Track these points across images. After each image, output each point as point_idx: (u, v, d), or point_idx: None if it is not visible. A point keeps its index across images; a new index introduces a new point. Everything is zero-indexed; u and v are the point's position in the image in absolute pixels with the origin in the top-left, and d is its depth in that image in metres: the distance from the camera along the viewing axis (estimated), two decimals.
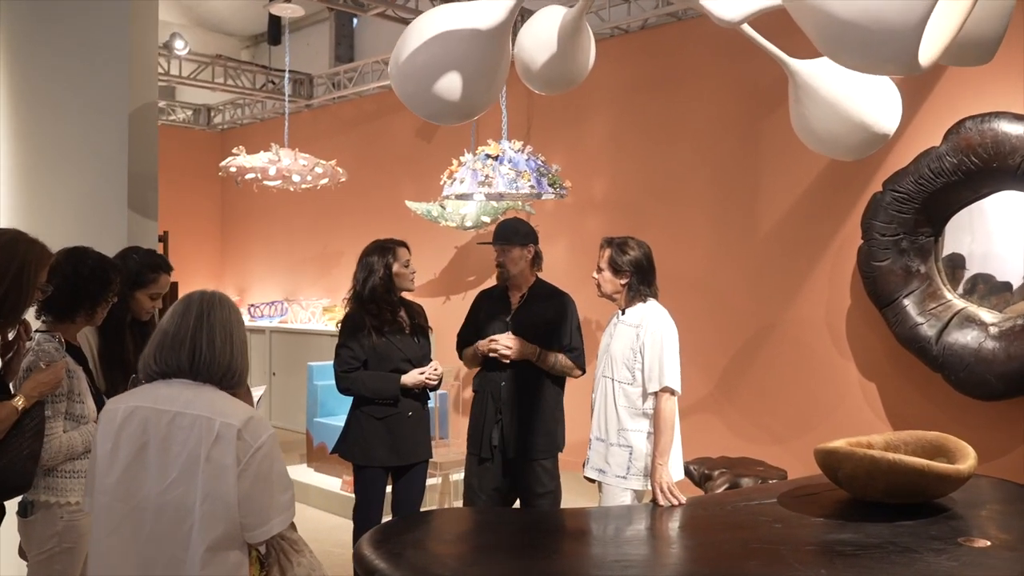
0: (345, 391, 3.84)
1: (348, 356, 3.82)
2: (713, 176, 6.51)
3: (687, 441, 6.29)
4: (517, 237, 3.98)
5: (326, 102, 9.92)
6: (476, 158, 5.44)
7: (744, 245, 6.32)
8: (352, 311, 3.88)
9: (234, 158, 6.82)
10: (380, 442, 3.82)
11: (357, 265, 3.92)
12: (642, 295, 3.63)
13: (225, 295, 2.30)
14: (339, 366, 3.84)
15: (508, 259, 3.97)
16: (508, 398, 3.91)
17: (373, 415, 3.83)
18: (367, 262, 3.88)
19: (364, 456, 3.83)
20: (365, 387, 3.80)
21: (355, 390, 3.81)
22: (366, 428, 3.83)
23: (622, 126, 7.13)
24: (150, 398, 2.14)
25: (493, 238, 4.01)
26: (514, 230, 4.01)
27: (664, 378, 3.45)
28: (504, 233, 3.99)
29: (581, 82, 3.49)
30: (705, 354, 6.49)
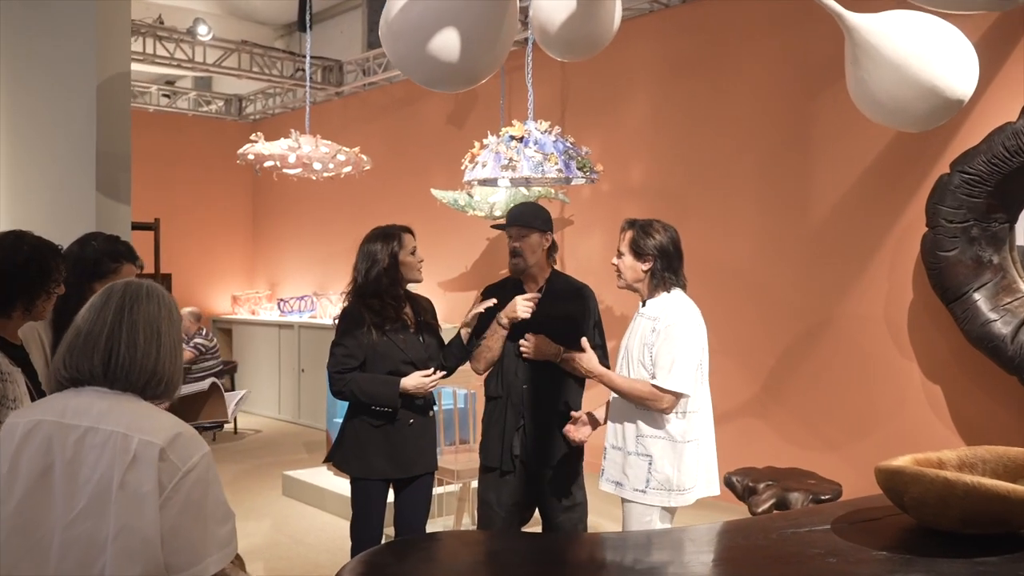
0: (338, 394, 3.44)
1: (343, 355, 3.42)
2: (760, 160, 6.00)
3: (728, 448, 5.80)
4: (537, 221, 3.57)
5: (356, 89, 9.60)
6: (500, 140, 5.02)
7: (794, 234, 5.81)
8: (351, 305, 3.48)
9: (252, 145, 6.50)
10: (378, 452, 3.43)
11: (358, 254, 3.53)
12: (666, 284, 3.19)
13: (157, 285, 1.92)
14: (332, 366, 3.43)
15: (526, 245, 3.54)
16: (531, 403, 3.50)
17: (370, 422, 3.44)
18: (369, 251, 3.47)
19: (361, 467, 3.45)
20: (360, 390, 3.40)
21: (348, 393, 3.42)
22: (362, 436, 3.45)
23: (662, 108, 6.66)
24: (56, 411, 1.77)
25: (508, 220, 3.59)
26: (533, 213, 3.59)
27: (671, 377, 3.02)
28: (523, 215, 3.57)
29: (605, 45, 3.04)
30: (750, 352, 5.99)
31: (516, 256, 3.56)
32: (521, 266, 3.57)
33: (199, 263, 10.88)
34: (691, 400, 3.09)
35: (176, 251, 10.65)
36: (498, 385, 3.57)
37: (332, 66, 9.46)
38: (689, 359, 3.06)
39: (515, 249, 3.55)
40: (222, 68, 8.68)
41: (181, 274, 10.70)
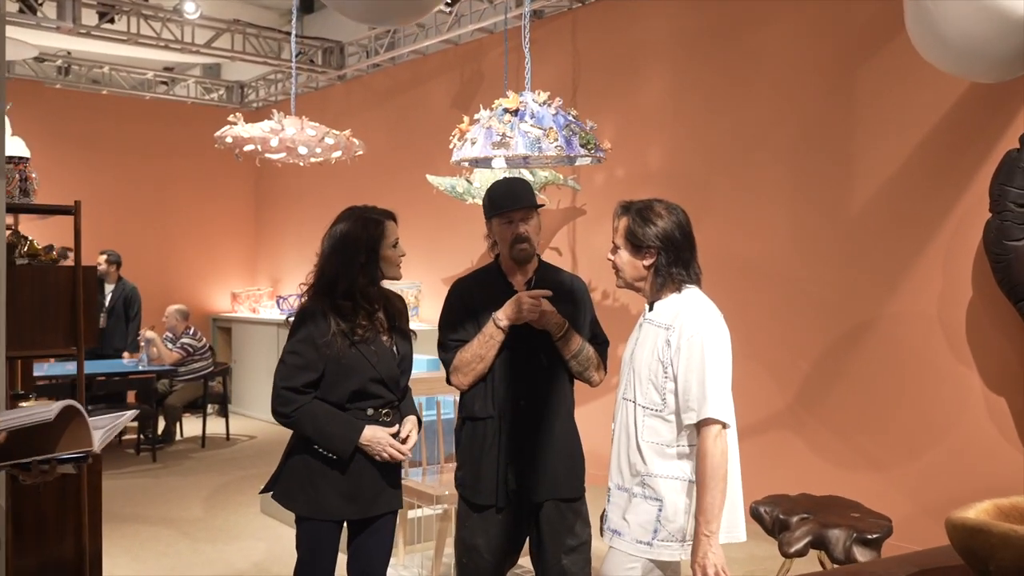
0: (282, 418, 2.78)
1: (298, 366, 2.75)
2: (792, 141, 5.29)
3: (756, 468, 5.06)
4: (535, 198, 2.97)
5: (359, 72, 9.01)
6: (492, 114, 4.37)
7: (832, 223, 5.09)
8: (313, 304, 2.81)
9: (230, 127, 5.91)
10: (331, 487, 2.79)
11: (325, 241, 2.86)
12: (675, 281, 2.52)
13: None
14: (283, 379, 2.77)
15: (532, 228, 2.92)
16: (530, 423, 2.87)
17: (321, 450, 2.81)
18: (344, 238, 2.81)
19: (309, 504, 2.80)
20: (313, 425, 2.76)
21: (296, 421, 2.77)
22: (313, 466, 2.80)
23: (681, 86, 5.97)
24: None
25: (506, 203, 2.92)
26: (529, 190, 2.97)
27: (707, 405, 2.34)
28: (520, 192, 2.94)
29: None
30: (782, 359, 5.29)
31: (524, 242, 2.91)
32: (529, 252, 2.94)
33: (198, 259, 10.37)
34: None
35: (174, 246, 10.15)
36: (487, 403, 2.89)
37: (332, 47, 8.87)
38: (724, 378, 2.39)
39: (520, 235, 2.90)
40: (212, 49, 8.12)
41: (179, 270, 10.20)
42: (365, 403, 2.81)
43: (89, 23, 7.52)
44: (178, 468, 7.10)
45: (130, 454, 7.63)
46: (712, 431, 2.33)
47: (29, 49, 7.33)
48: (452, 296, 3.02)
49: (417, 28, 7.87)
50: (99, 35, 7.53)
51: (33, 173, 3.52)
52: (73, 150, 9.56)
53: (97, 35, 7.52)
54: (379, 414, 2.84)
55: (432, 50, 8.05)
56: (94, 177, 9.70)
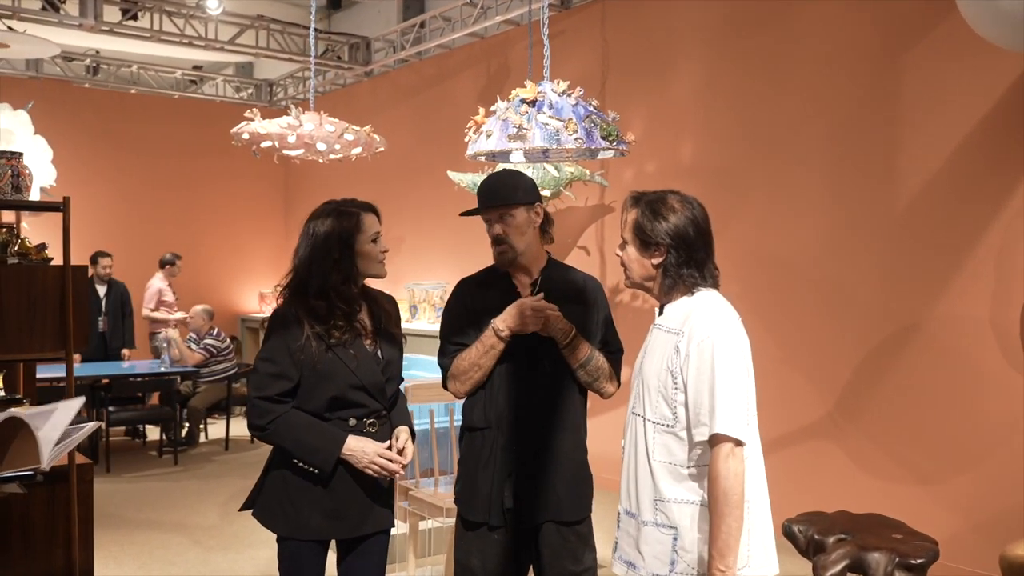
0: (258, 431, 2.57)
1: (271, 375, 2.54)
2: (834, 131, 4.98)
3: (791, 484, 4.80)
4: (519, 192, 2.67)
5: (386, 68, 8.85)
6: (509, 105, 4.14)
7: (876, 220, 4.78)
8: (286, 306, 2.61)
9: (247, 123, 5.77)
10: (314, 505, 2.57)
11: (300, 238, 2.66)
12: (687, 283, 2.26)
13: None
14: (256, 389, 2.56)
15: (511, 228, 2.65)
16: (529, 437, 2.63)
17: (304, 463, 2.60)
18: (316, 233, 2.60)
19: (289, 524, 2.59)
20: (291, 437, 2.54)
21: (272, 435, 2.55)
22: (292, 482, 2.58)
23: (715, 74, 5.68)
24: None
25: (480, 198, 2.71)
26: (512, 184, 2.68)
27: (717, 419, 2.08)
28: (497, 188, 2.68)
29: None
30: (821, 365, 4.99)
31: (500, 243, 2.66)
32: (509, 256, 2.67)
33: (226, 258, 10.29)
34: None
35: (202, 246, 10.08)
36: (484, 412, 2.67)
37: (359, 43, 8.71)
38: (739, 389, 2.13)
39: (497, 237, 2.66)
40: (236, 46, 8.00)
41: (207, 270, 10.12)
42: (347, 412, 2.58)
43: (112, 20, 7.43)
44: (199, 471, 6.97)
45: (152, 456, 7.54)
46: (724, 449, 2.07)
47: (52, 47, 7.24)
48: (454, 297, 2.80)
49: (443, 21, 7.68)
50: (122, 32, 7.45)
51: (27, 169, 3.35)
52: (101, 149, 9.54)
53: (120, 32, 7.44)
54: (363, 424, 2.60)
55: (458, 44, 7.85)
56: (121, 177, 9.67)
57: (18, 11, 6.86)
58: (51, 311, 3.18)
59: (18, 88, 8.46)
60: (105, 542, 5.08)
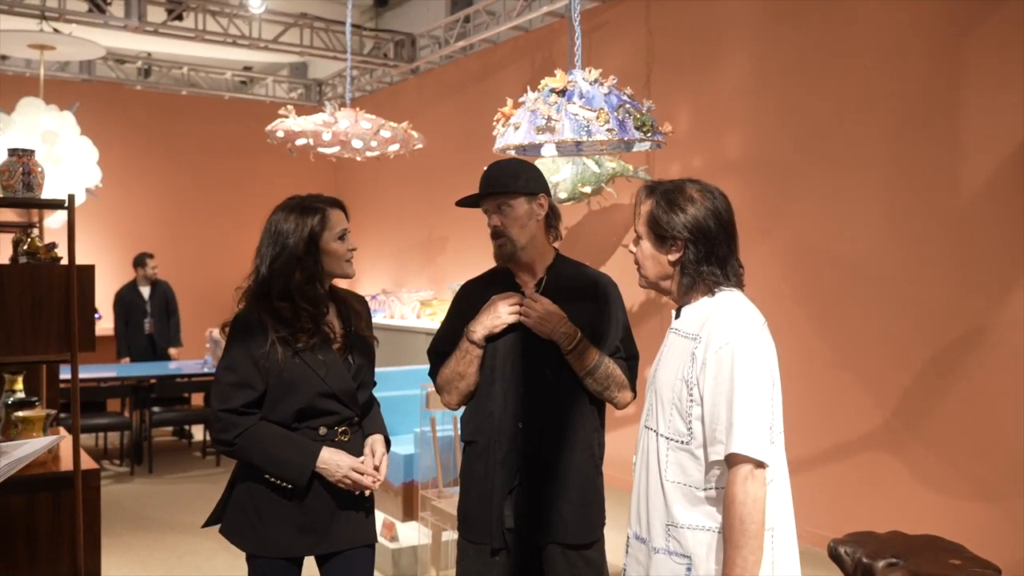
0: (224, 446, 2.40)
1: (233, 384, 2.36)
2: (890, 123, 4.65)
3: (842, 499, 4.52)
4: (519, 181, 2.45)
5: (431, 65, 8.71)
6: (538, 95, 3.94)
7: (936, 216, 4.44)
8: (247, 309, 2.44)
9: (281, 120, 5.68)
10: (285, 520, 2.39)
11: (262, 236, 2.50)
12: (707, 282, 2.03)
13: None
14: (219, 400, 2.38)
15: (510, 220, 2.44)
16: (530, 451, 2.43)
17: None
18: (277, 230, 2.44)
19: (257, 541, 2.41)
20: (260, 451, 2.36)
21: (240, 450, 2.38)
22: (258, 497, 2.41)
23: (766, 61, 5.38)
24: None
25: (480, 186, 2.51)
26: (512, 172, 2.47)
27: (734, 437, 1.85)
28: (496, 176, 2.47)
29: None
30: (879, 369, 4.66)
31: (499, 236, 2.46)
32: (508, 250, 2.46)
33: None
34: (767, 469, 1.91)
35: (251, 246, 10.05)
36: (479, 424, 2.49)
37: (403, 40, 8.59)
38: (761, 402, 1.88)
39: (495, 228, 2.46)
40: (280, 45, 7.94)
41: None
42: (316, 421, 2.42)
43: (156, 21, 7.44)
44: None
45: (196, 457, 7.53)
46: (741, 472, 1.83)
47: (97, 49, 7.29)
48: (453, 302, 2.61)
49: (488, 16, 7.51)
50: (166, 32, 7.45)
51: (39, 167, 3.27)
52: (152, 151, 9.61)
53: (164, 32, 7.44)
54: (334, 433, 2.43)
55: (503, 37, 7.67)
56: (171, 178, 9.74)
57: (64, 13, 6.90)
58: (56, 312, 3.08)
59: (70, 90, 8.56)
60: (135, 545, 5.03)
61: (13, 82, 8.49)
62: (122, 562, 4.75)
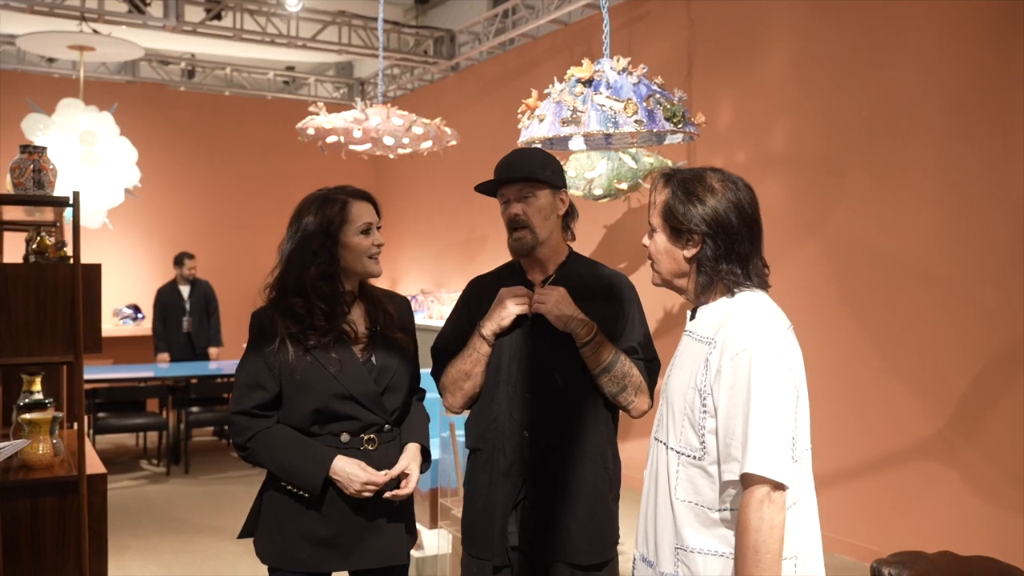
0: (240, 451, 2.28)
1: (247, 385, 2.25)
2: (948, 111, 4.37)
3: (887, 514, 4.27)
4: (546, 171, 2.30)
5: (471, 61, 8.58)
6: (564, 86, 3.77)
7: (998, 210, 4.14)
8: (261, 309, 2.32)
9: (312, 118, 5.59)
10: (304, 532, 2.24)
11: (287, 231, 2.35)
12: (726, 281, 1.83)
13: None
14: (233, 403, 2.29)
15: (533, 210, 2.27)
16: (536, 460, 2.25)
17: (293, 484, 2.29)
18: (296, 224, 2.30)
19: (276, 553, 2.28)
20: (271, 457, 2.23)
21: (254, 455, 2.26)
22: (280, 507, 2.27)
23: (812, 53, 5.12)
24: None
25: (498, 172, 2.33)
26: (539, 161, 2.31)
27: (749, 454, 1.65)
28: (521, 163, 2.31)
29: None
30: (931, 375, 4.38)
31: (519, 228, 2.28)
32: (529, 242, 2.29)
33: None
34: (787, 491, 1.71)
35: None
36: (483, 431, 2.33)
37: (443, 36, 8.47)
38: (781, 416, 1.68)
39: (515, 218, 2.28)
40: (318, 43, 7.88)
41: None
42: (337, 426, 2.26)
43: (194, 20, 7.44)
44: None
45: (234, 458, 7.49)
46: (757, 493, 1.63)
47: (136, 49, 7.32)
48: (461, 296, 2.46)
49: (527, 10, 7.35)
50: (204, 32, 7.44)
51: (51, 164, 3.20)
52: (195, 151, 9.66)
53: (203, 32, 7.44)
54: (358, 441, 2.26)
55: (543, 32, 7.50)
56: (213, 178, 9.77)
57: (104, 14, 6.92)
58: (61, 312, 3.00)
59: (114, 92, 8.63)
60: (162, 547, 4.98)
61: (60, 84, 8.60)
62: (147, 564, 4.69)
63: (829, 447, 4.71)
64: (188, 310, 7.80)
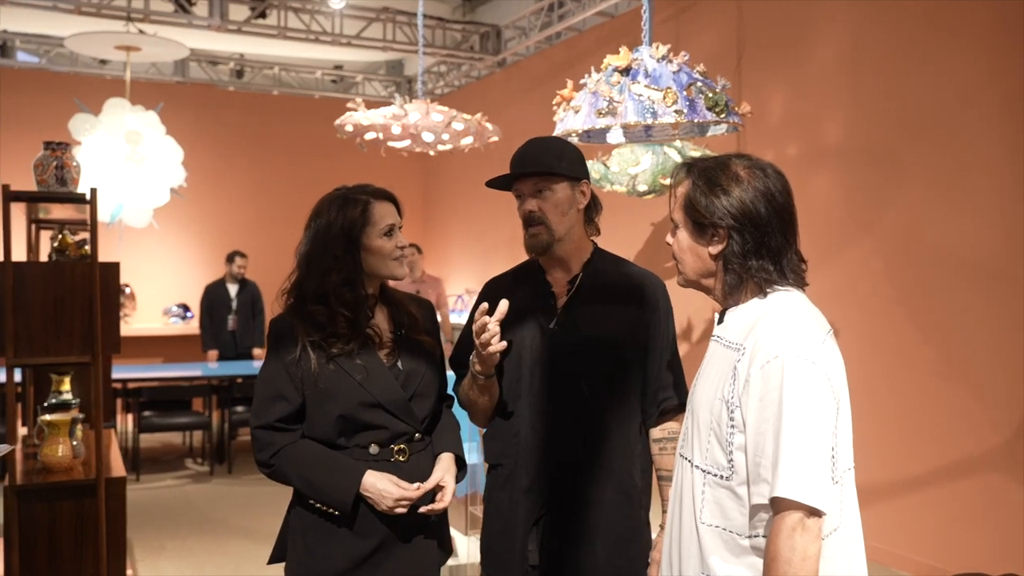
0: (264, 468, 2.12)
1: (268, 398, 2.09)
2: (1012, 100, 4.07)
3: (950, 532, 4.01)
4: (563, 162, 2.12)
5: (517, 56, 8.44)
6: (601, 75, 3.60)
7: None
8: (280, 317, 2.16)
9: (350, 114, 5.51)
10: (328, 546, 2.09)
11: (304, 233, 2.20)
12: (756, 280, 1.64)
13: None
14: (253, 416, 2.13)
15: (550, 204, 2.10)
16: (564, 476, 2.09)
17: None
18: (315, 227, 2.16)
19: (302, 569, 2.12)
20: (298, 474, 2.08)
21: (279, 473, 2.10)
22: (306, 522, 2.12)
23: (865, 38, 4.85)
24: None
25: (513, 166, 2.16)
26: (555, 151, 2.13)
27: (780, 476, 1.46)
28: (535, 154, 2.13)
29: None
30: (1000, 382, 4.10)
31: (534, 224, 2.10)
32: (544, 239, 2.10)
33: None
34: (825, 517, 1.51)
35: None
36: (504, 445, 2.15)
37: (489, 32, 8.34)
38: (818, 434, 1.48)
39: (531, 214, 2.10)
40: (362, 40, 7.81)
41: None
42: (365, 436, 2.10)
43: (239, 19, 7.43)
44: None
45: None
46: (789, 521, 1.45)
47: (181, 49, 7.34)
48: (477, 302, 2.29)
49: (573, 2, 7.18)
50: (249, 31, 7.43)
51: (74, 161, 3.15)
52: (244, 150, 9.69)
53: (248, 31, 7.43)
54: (388, 452, 2.10)
55: (589, 25, 7.32)
56: (263, 177, 9.79)
57: (149, 14, 6.95)
58: (79, 311, 2.94)
59: (163, 92, 8.68)
60: (196, 548, 4.94)
61: (112, 85, 8.68)
62: (181, 566, 4.65)
63: (886, 455, 4.45)
64: (234, 308, 7.81)
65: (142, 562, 4.68)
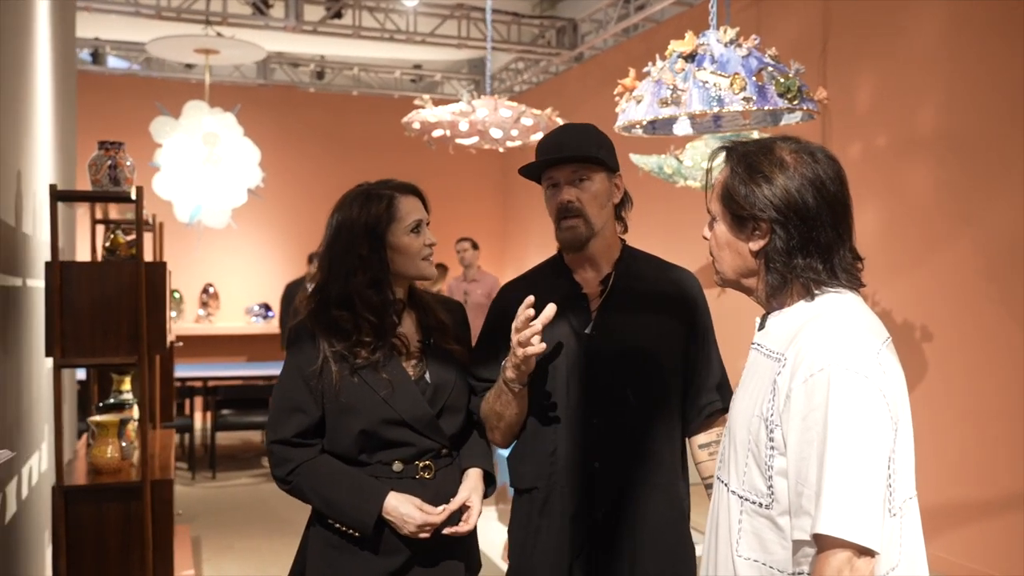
0: (282, 485, 2.00)
1: (286, 410, 1.97)
2: None
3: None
4: (602, 151, 1.94)
5: (594, 51, 8.24)
6: (665, 63, 3.38)
7: None
8: (301, 323, 2.02)
9: (417, 112, 5.43)
10: (350, 565, 1.95)
11: (325, 233, 2.06)
12: (802, 280, 1.44)
13: None
14: (269, 430, 2.01)
15: (588, 195, 1.93)
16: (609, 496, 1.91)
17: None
18: (338, 225, 2.02)
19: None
20: (317, 493, 1.95)
21: (296, 491, 1.98)
22: (328, 540, 1.99)
23: (962, 21, 4.48)
24: None
25: (545, 150, 1.97)
26: (594, 139, 1.96)
27: (823, 509, 1.26)
28: (572, 141, 1.95)
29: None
30: None
31: (571, 216, 1.92)
32: (583, 233, 1.93)
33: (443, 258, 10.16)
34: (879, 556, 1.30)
35: None
36: (537, 466, 1.95)
37: (565, 26, 8.16)
38: (870, 460, 1.27)
39: (566, 205, 1.92)
40: (436, 37, 7.75)
41: None
42: (388, 454, 1.96)
43: (314, 19, 7.46)
44: None
45: None
46: (834, 561, 1.25)
47: (259, 51, 7.41)
48: (493, 309, 2.08)
49: None
50: (324, 31, 7.46)
51: (127, 160, 3.13)
52: (326, 150, 9.76)
53: (322, 31, 7.45)
54: (413, 469, 1.97)
55: (667, 15, 7.07)
56: (342, 177, 9.76)
57: (227, 17, 7.04)
58: (126, 311, 2.91)
59: (243, 95, 8.81)
60: (263, 548, 4.94)
61: (195, 88, 8.87)
62: (245, 566, 4.65)
63: (983, 466, 4.10)
64: None
65: (208, 561, 4.70)
